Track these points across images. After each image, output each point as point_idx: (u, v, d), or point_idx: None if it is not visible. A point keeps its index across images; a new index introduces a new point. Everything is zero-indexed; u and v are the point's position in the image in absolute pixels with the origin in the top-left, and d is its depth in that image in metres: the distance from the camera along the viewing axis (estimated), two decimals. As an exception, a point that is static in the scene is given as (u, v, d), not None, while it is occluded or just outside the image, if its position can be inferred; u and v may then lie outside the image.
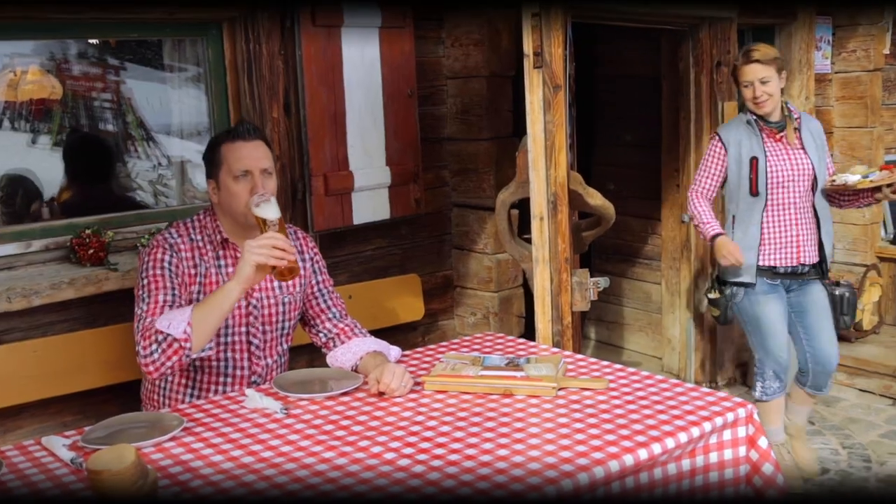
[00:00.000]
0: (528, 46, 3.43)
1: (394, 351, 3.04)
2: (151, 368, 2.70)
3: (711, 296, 4.20)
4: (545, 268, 3.49)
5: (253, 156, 2.88)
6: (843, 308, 4.52)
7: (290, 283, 2.99)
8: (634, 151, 5.89)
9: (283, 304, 3.01)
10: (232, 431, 2.50)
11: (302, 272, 3.04)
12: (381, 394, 2.74)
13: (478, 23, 4.42)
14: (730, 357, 5.55)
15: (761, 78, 3.93)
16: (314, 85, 3.90)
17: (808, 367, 4.16)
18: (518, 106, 4.42)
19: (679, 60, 5.27)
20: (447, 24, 4.51)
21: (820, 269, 4.12)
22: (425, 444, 2.35)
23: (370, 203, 4.13)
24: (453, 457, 2.26)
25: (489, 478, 2.14)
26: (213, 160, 2.93)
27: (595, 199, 3.66)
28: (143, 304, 2.78)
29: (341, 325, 3.07)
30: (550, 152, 3.43)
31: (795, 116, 4.06)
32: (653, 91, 5.49)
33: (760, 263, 4.05)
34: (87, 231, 3.51)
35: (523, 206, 4.19)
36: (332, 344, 3.05)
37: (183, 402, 2.93)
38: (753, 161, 3.98)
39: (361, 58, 4.05)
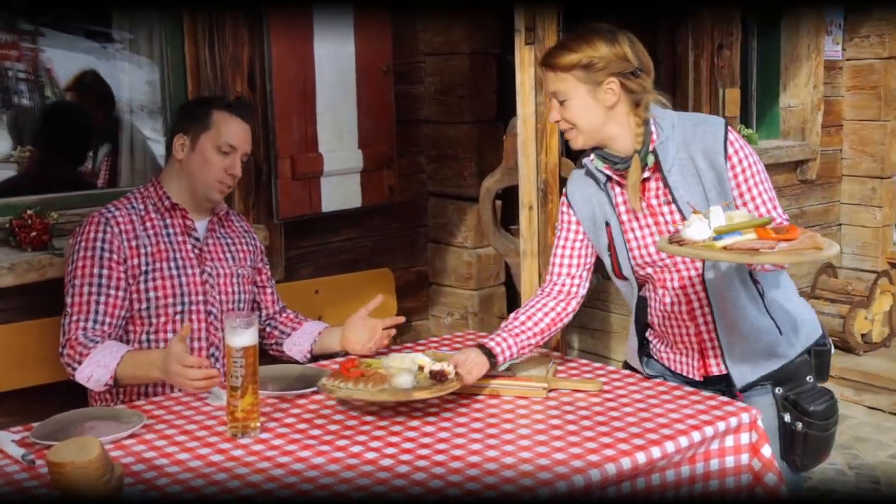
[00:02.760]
0: (519, 21, 3.55)
1: None
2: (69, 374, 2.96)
3: None
4: (533, 261, 3.62)
5: (244, 136, 3.13)
6: (796, 446, 2.85)
7: (241, 256, 3.26)
8: (626, 141, 6.02)
9: (238, 275, 3.22)
10: (197, 429, 2.59)
11: (252, 248, 3.32)
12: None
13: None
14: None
15: (554, 92, 2.74)
16: (282, 57, 4.01)
17: None
18: (503, 87, 4.55)
19: (677, 43, 5.41)
20: (427, -5, 4.63)
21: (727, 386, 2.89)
22: (408, 445, 2.46)
23: (340, 189, 4.24)
24: (439, 457, 2.38)
25: (478, 479, 2.25)
26: (196, 118, 3.09)
27: (588, 188, 3.78)
28: (69, 296, 3.00)
29: (283, 317, 3.36)
30: (542, 136, 3.55)
31: (651, 150, 2.72)
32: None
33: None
34: (30, 212, 3.58)
35: (507, 196, 4.32)
36: (275, 333, 3.32)
37: (141, 393, 3.05)
38: (607, 228, 2.87)
39: (333, 29, 4.16)
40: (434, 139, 4.71)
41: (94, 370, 2.85)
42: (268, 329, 3.33)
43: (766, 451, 2.69)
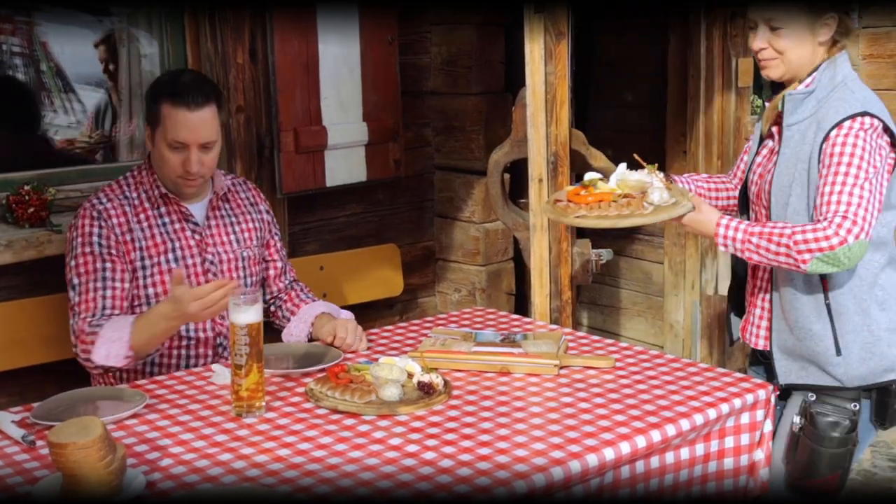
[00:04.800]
0: (527, -11, 3.54)
1: (343, 314, 3.21)
2: (89, 367, 2.91)
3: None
4: (543, 236, 3.60)
5: (193, 127, 2.91)
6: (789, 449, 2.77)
7: (246, 236, 3.18)
8: (635, 113, 5.99)
9: (243, 258, 3.16)
10: (201, 408, 2.59)
11: (258, 224, 3.23)
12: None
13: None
14: (739, 345, 5.69)
15: (770, 18, 2.64)
16: (284, 28, 3.98)
17: None
18: (511, 57, 4.52)
19: (689, 10, 5.37)
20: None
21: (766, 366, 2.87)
22: (417, 424, 2.45)
23: (345, 163, 4.22)
24: (449, 436, 2.37)
25: (489, 458, 2.24)
26: (151, 110, 2.98)
27: (599, 160, 3.77)
28: (75, 294, 2.93)
29: (287, 297, 3.29)
30: (551, 107, 3.54)
31: (793, 93, 2.69)
32: (658, 45, 5.59)
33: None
34: (27, 187, 3.57)
35: (516, 169, 4.30)
36: (279, 313, 3.27)
37: (142, 372, 3.03)
38: (745, 152, 3.00)
39: (336, -2, 4.14)
40: (440, 111, 4.68)
41: (109, 347, 2.81)
42: (272, 308, 3.29)
43: (767, 426, 2.69)
